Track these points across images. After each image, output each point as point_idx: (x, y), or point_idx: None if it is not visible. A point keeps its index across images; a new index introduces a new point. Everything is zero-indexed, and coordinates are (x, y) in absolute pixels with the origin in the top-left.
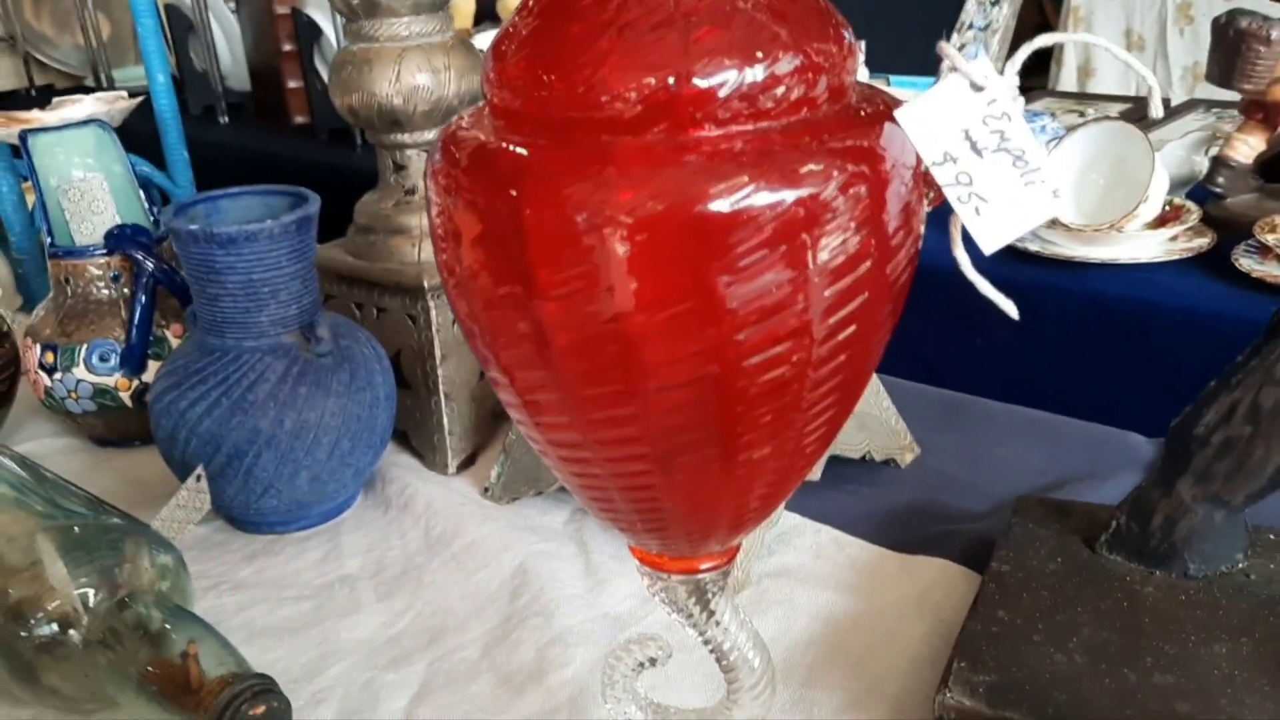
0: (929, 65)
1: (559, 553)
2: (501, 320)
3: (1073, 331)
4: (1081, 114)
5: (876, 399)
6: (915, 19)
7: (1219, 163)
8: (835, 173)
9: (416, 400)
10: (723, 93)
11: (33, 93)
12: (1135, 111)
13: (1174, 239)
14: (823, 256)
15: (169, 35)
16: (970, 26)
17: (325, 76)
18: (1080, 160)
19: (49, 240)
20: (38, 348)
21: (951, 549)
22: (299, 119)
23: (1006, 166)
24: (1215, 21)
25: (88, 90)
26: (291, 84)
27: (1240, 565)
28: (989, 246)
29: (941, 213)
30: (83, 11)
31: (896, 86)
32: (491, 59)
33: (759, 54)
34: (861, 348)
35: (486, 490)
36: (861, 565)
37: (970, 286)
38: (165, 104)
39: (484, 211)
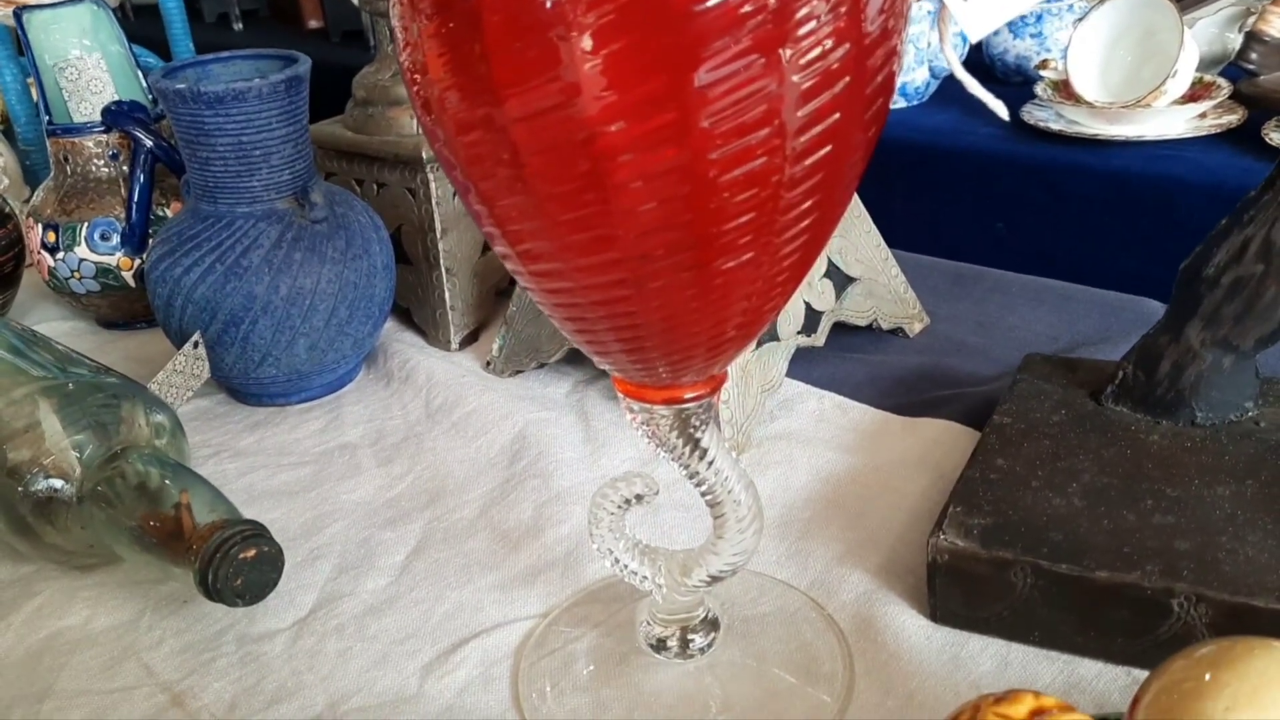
0: None
1: (560, 420)
2: (466, 121)
3: (1097, 212)
4: None
5: (884, 265)
6: None
7: (1252, 37)
8: None
9: (418, 276)
10: None
11: None
12: None
13: (1203, 115)
14: (794, 37)
15: None
16: None
17: None
18: (1107, 36)
19: (47, 119)
20: (40, 227)
21: (956, 410)
22: (313, 23)
23: None
24: None
25: None
26: None
27: (1249, 414)
28: (976, 33)
29: (955, 93)
30: None
31: None
32: None
33: None
34: (840, 148)
35: (488, 364)
36: (864, 428)
37: (996, 170)
38: None
39: (441, 1)
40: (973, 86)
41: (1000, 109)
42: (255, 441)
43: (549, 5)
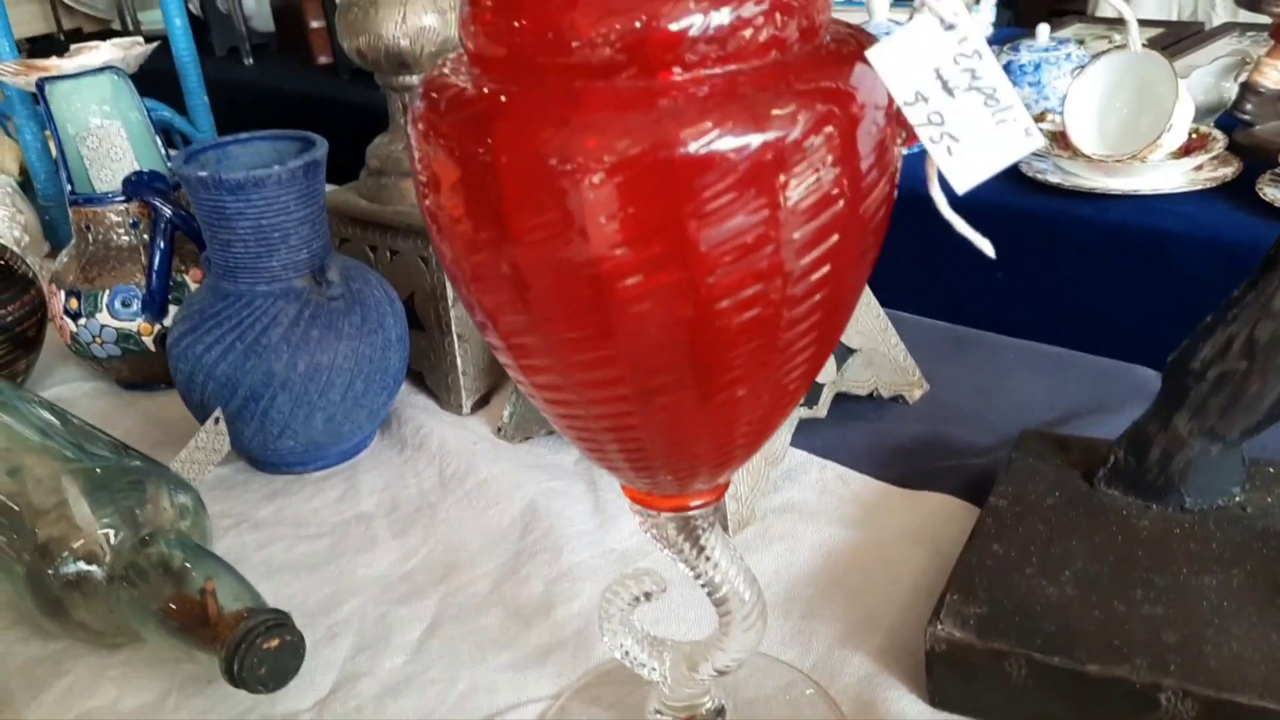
0: None
1: (569, 490)
2: (482, 265)
3: (1094, 264)
4: (1111, 40)
5: (884, 335)
6: None
7: (1247, 89)
8: (804, 114)
9: (431, 341)
10: (690, 36)
11: (62, 37)
12: (1167, 37)
13: (1199, 168)
14: (793, 198)
15: None
16: None
17: None
18: (1104, 88)
19: (69, 188)
20: (62, 294)
21: (954, 483)
22: (322, 59)
23: (978, 105)
24: None
25: (115, 34)
26: (314, 24)
27: (1237, 499)
28: (962, 186)
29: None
30: None
31: None
32: (467, 5)
33: None
34: (837, 287)
35: (499, 430)
36: (864, 500)
37: (995, 221)
38: (184, 48)
39: (461, 157)
40: (960, 226)
41: (986, 247)
42: (274, 511)
43: (564, 169)
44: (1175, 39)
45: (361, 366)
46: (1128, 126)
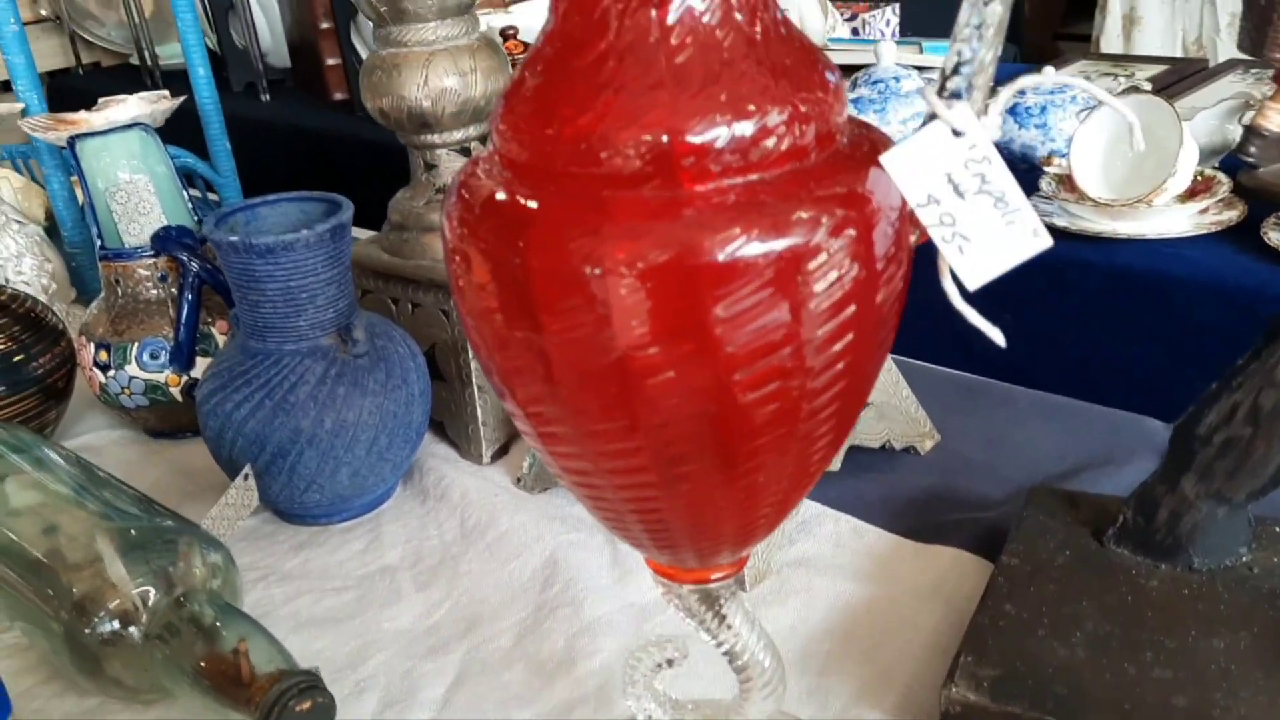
0: None
1: (588, 543)
2: (515, 359)
3: (1100, 307)
4: (1116, 78)
5: (896, 388)
6: None
7: (1251, 132)
8: (824, 219)
9: (451, 392)
10: (715, 148)
11: (80, 70)
12: (1170, 75)
13: (1204, 212)
14: (814, 298)
15: (209, 13)
16: (957, 71)
17: (363, 53)
18: (1109, 133)
19: (99, 243)
20: (92, 346)
21: (967, 537)
22: (338, 95)
23: (987, 207)
24: None
25: (133, 69)
26: (330, 61)
27: (1244, 558)
28: (973, 284)
29: None
30: None
31: (929, 53)
32: (500, 112)
33: (749, 108)
34: (856, 376)
35: (519, 481)
36: (878, 554)
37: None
38: (206, 96)
39: (494, 258)
40: (972, 317)
41: (998, 337)
42: (300, 564)
43: (594, 274)
44: (1178, 77)
45: (386, 422)
46: (1133, 170)
